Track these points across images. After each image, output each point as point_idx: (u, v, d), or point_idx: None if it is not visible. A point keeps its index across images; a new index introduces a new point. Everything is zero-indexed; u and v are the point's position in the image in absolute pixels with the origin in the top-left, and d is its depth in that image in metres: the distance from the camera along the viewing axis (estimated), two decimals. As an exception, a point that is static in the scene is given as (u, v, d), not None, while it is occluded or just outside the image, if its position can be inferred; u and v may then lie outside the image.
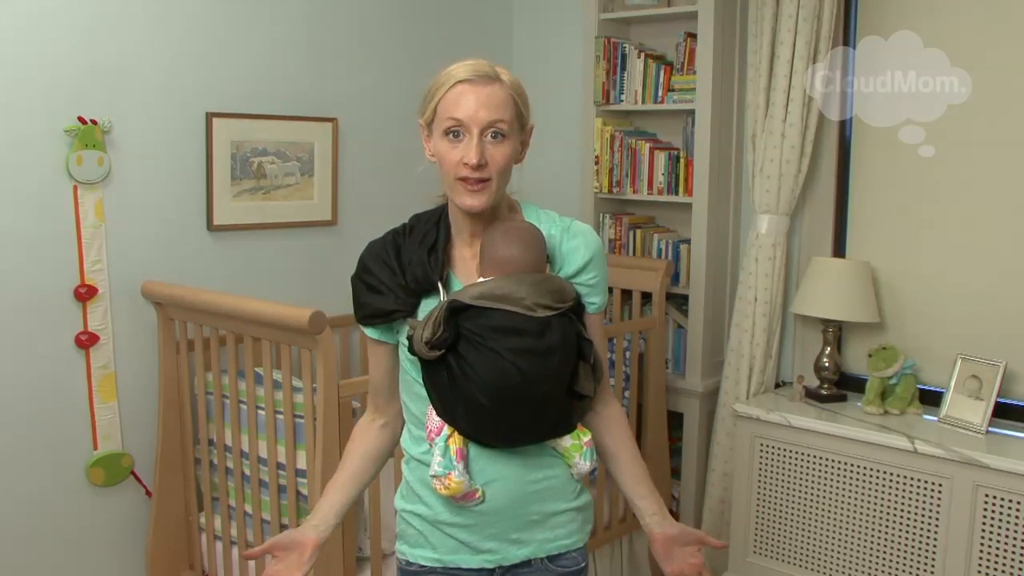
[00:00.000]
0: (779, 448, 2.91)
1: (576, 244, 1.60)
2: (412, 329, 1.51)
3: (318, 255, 3.08)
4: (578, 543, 1.65)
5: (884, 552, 2.72)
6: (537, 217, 1.63)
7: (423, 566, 1.62)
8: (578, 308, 1.57)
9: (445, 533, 1.59)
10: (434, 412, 1.54)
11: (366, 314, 1.59)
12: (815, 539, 2.86)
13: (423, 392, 1.55)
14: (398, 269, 1.56)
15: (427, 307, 1.54)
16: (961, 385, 2.77)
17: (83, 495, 2.65)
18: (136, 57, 2.64)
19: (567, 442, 1.58)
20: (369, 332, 1.63)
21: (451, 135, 1.49)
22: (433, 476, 1.52)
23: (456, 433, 1.53)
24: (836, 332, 3.02)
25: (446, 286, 1.55)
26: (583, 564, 1.66)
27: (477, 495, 1.54)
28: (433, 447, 1.53)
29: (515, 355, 1.45)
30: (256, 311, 2.32)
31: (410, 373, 1.59)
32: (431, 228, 1.59)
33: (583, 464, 1.58)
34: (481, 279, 1.54)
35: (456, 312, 1.48)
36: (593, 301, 1.63)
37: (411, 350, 1.51)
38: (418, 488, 1.61)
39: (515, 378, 1.45)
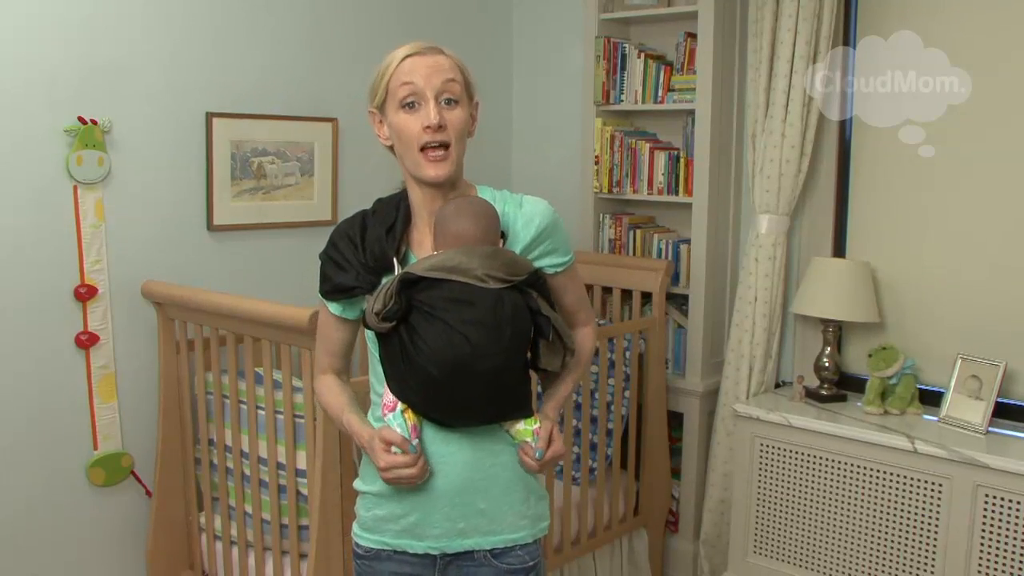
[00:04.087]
0: (779, 448, 2.91)
1: (529, 216, 1.62)
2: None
3: (318, 255, 3.08)
4: (526, 539, 1.65)
5: (884, 552, 2.72)
6: (492, 196, 1.65)
7: (370, 549, 1.66)
8: (536, 284, 1.58)
9: (394, 514, 1.62)
10: (389, 389, 1.57)
11: (329, 288, 1.64)
12: (815, 539, 2.86)
13: None
14: (360, 247, 1.60)
15: None
16: (961, 385, 2.77)
17: (83, 495, 2.65)
18: (136, 57, 2.64)
19: (520, 425, 1.59)
20: (332, 307, 1.67)
21: (407, 107, 1.55)
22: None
23: (410, 410, 1.55)
24: (836, 332, 3.02)
25: (404, 265, 1.58)
26: (532, 563, 1.66)
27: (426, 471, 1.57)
28: (388, 420, 1.56)
29: (465, 326, 1.47)
30: (256, 311, 2.32)
31: (374, 353, 1.62)
32: (391, 210, 1.64)
33: (531, 453, 1.58)
34: (434, 252, 1.56)
35: (409, 285, 1.51)
36: (556, 263, 1.66)
37: (366, 324, 1.54)
38: (375, 467, 1.63)
39: (464, 348, 1.47)
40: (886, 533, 2.71)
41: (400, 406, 1.55)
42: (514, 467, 1.62)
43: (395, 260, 1.57)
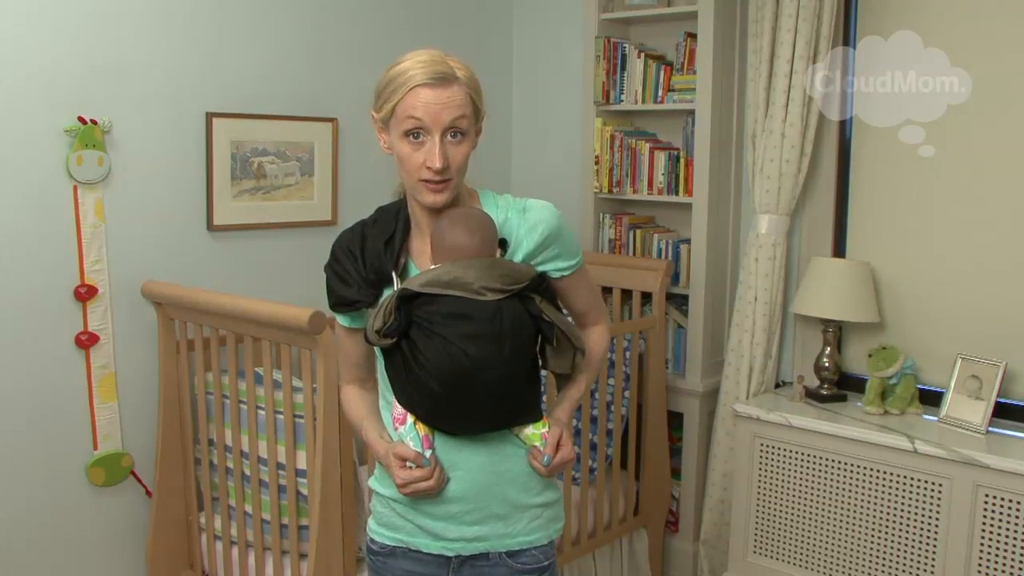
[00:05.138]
0: (779, 448, 2.91)
1: (533, 223, 1.60)
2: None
3: (318, 255, 3.05)
4: (540, 540, 1.65)
5: (884, 552, 2.72)
6: (495, 202, 1.64)
7: (385, 545, 1.66)
8: (539, 288, 1.57)
9: (406, 518, 1.63)
10: (397, 401, 1.58)
11: (336, 302, 1.64)
12: (815, 539, 2.86)
13: None
14: (361, 260, 1.59)
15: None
16: (961, 385, 2.77)
17: (83, 495, 2.65)
18: (136, 57, 2.64)
19: (528, 430, 1.59)
20: (341, 319, 1.68)
21: (412, 136, 1.51)
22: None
23: (420, 421, 1.56)
24: (836, 332, 3.02)
25: (404, 277, 1.58)
26: (547, 562, 1.66)
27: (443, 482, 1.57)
28: (401, 434, 1.56)
29: (464, 340, 1.47)
30: (256, 311, 2.32)
31: (381, 360, 1.62)
32: (390, 219, 1.62)
33: (540, 458, 1.58)
34: (432, 267, 1.56)
35: (408, 300, 1.51)
36: (562, 267, 1.64)
37: (368, 339, 1.54)
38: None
39: (464, 363, 1.47)
40: (886, 533, 2.71)
41: (411, 418, 1.56)
42: (527, 469, 1.61)
43: (394, 274, 1.56)
